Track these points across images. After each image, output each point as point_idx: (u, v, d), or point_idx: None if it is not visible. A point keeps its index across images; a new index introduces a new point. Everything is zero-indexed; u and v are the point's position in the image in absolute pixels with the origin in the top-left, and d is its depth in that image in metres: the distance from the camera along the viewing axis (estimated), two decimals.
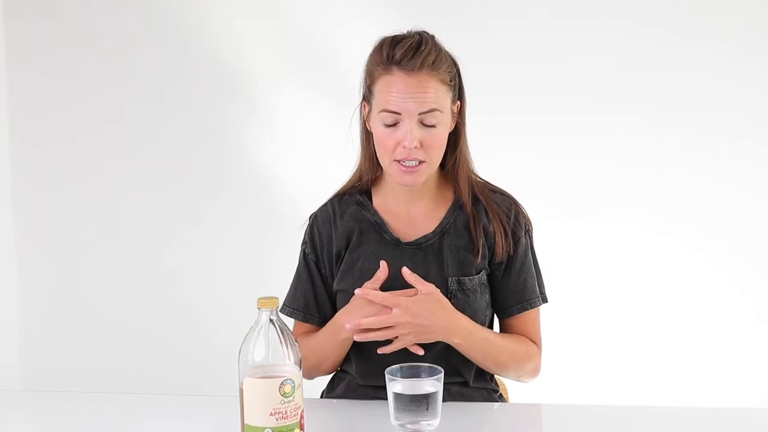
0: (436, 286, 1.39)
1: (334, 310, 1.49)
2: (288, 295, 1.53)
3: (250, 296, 2.86)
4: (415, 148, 1.34)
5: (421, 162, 1.37)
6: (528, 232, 1.51)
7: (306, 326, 1.51)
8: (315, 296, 1.50)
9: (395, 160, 1.37)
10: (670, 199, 2.69)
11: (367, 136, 1.47)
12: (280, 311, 1.44)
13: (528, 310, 1.49)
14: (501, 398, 1.56)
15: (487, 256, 1.46)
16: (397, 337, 1.34)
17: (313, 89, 2.84)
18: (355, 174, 1.54)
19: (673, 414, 1.32)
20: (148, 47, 2.89)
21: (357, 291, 1.35)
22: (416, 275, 1.36)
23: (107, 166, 2.94)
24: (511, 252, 1.47)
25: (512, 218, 1.48)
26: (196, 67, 2.88)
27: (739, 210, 2.67)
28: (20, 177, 2.97)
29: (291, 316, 1.51)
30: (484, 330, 1.44)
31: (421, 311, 1.33)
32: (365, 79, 1.43)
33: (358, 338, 1.34)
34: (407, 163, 1.36)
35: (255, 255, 2.89)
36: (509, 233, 1.46)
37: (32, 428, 1.36)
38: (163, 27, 2.88)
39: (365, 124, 1.47)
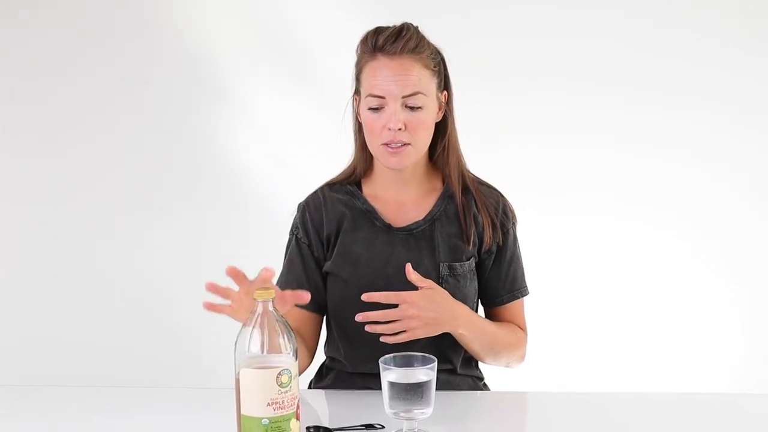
0: (428, 272, 1.42)
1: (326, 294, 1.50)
2: (279, 282, 1.51)
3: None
4: (400, 130, 1.38)
5: (405, 144, 1.40)
6: (515, 224, 1.54)
7: (300, 312, 1.49)
8: (307, 280, 1.49)
9: (382, 144, 1.40)
10: (657, 191, 2.74)
11: (360, 129, 1.49)
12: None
13: (518, 299, 1.53)
14: (485, 386, 1.59)
15: (477, 244, 1.48)
16: (404, 331, 1.35)
17: (285, 80, 2.83)
18: (349, 166, 1.55)
19: (652, 400, 1.35)
20: (118, 39, 2.85)
21: (363, 296, 1.35)
22: (417, 273, 1.37)
23: (77, 161, 2.90)
24: (500, 243, 1.50)
25: (500, 211, 1.51)
26: (167, 58, 2.85)
27: (724, 201, 2.73)
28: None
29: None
30: (481, 318, 1.47)
31: (428, 304, 1.35)
32: (354, 71, 1.46)
33: (368, 329, 1.35)
34: (393, 146, 1.39)
35: (227, 246, 2.88)
36: (497, 225, 1.50)
37: (24, 422, 1.34)
38: (133, 18, 2.85)
39: (357, 117, 1.49)
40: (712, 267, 2.75)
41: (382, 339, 1.36)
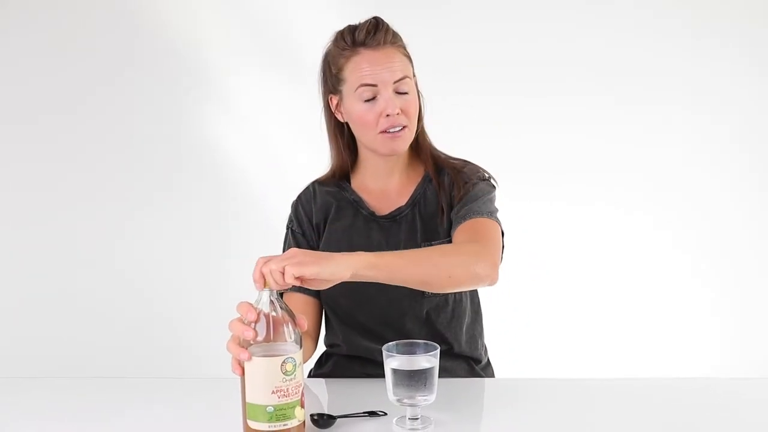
0: None
1: None
2: None
3: (213, 278, 2.86)
4: (398, 114, 1.41)
5: (404, 127, 1.43)
6: (485, 180, 1.50)
7: (302, 297, 1.51)
8: None
9: (381, 132, 1.43)
10: (648, 182, 2.77)
11: (335, 130, 1.52)
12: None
13: (473, 218, 1.41)
14: (486, 368, 1.60)
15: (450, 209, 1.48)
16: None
17: (270, 72, 2.84)
18: (330, 168, 1.58)
19: (650, 385, 1.36)
20: (101, 29, 2.84)
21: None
22: None
23: (60, 152, 2.90)
24: (465, 192, 1.46)
25: (467, 168, 1.52)
26: (151, 50, 2.84)
27: (717, 194, 2.76)
28: None
29: (287, 290, 1.51)
30: (395, 252, 1.31)
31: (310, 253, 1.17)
32: (328, 71, 1.48)
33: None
34: (392, 130, 1.42)
35: (215, 237, 2.89)
36: (464, 177, 1.49)
37: (25, 414, 1.34)
38: (118, 8, 2.84)
39: (333, 117, 1.51)
40: (705, 257, 2.78)
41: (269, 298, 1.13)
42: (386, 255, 1.24)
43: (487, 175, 1.53)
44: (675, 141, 2.74)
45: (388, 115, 1.41)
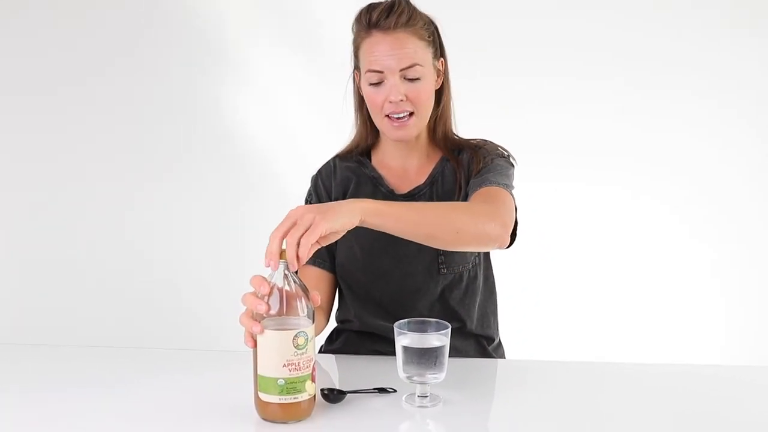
0: None
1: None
2: None
3: (226, 252, 2.86)
4: (401, 101, 1.41)
5: (411, 115, 1.44)
6: (504, 157, 1.51)
7: (317, 271, 1.52)
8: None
9: (386, 116, 1.44)
10: (654, 162, 2.75)
11: (360, 103, 1.54)
12: None
13: (487, 186, 1.40)
14: (497, 348, 1.60)
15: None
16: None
17: (286, 45, 2.83)
18: (353, 140, 1.59)
19: (654, 371, 1.36)
20: (115, 3, 2.84)
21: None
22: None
23: (75, 123, 2.91)
24: (484, 165, 1.47)
25: (487, 146, 1.53)
26: (168, 23, 2.85)
27: (719, 175, 2.74)
28: None
29: None
30: (404, 203, 1.29)
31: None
32: (353, 48, 1.49)
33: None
34: (396, 116, 1.43)
35: (230, 212, 2.90)
36: (483, 153, 1.50)
37: (31, 380, 1.36)
38: None
39: (359, 91, 1.52)
40: (718, 244, 2.77)
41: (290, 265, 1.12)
42: (394, 204, 1.22)
43: (506, 153, 1.53)
44: (696, 127, 2.72)
45: (391, 101, 1.42)
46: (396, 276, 1.48)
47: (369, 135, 1.56)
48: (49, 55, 2.90)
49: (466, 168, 1.51)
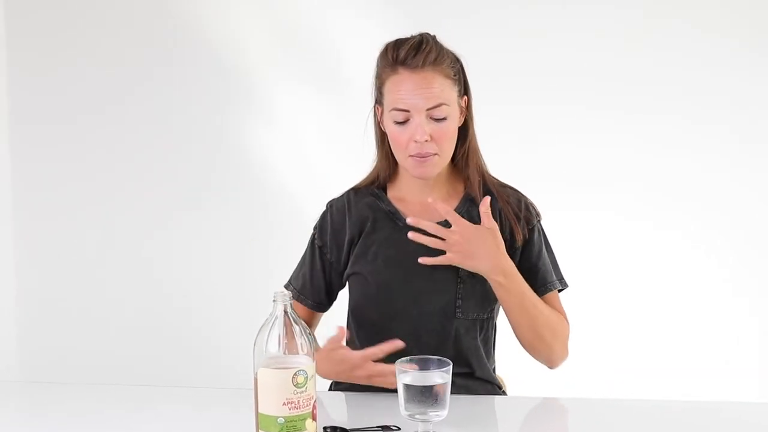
0: (447, 271, 1.44)
1: (329, 295, 1.58)
2: (292, 273, 1.62)
3: (246, 287, 2.86)
4: (426, 141, 1.41)
5: (433, 154, 1.43)
6: (539, 220, 1.56)
7: (300, 306, 1.58)
8: (311, 279, 1.57)
9: (410, 156, 1.44)
10: (669, 192, 2.73)
11: (382, 137, 1.54)
12: (284, 286, 1.56)
13: (551, 291, 1.53)
14: (503, 394, 1.60)
15: (504, 242, 1.47)
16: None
17: (310, 81, 2.86)
18: (372, 172, 1.59)
19: (671, 408, 1.34)
20: (140, 34, 2.89)
21: (409, 220, 1.42)
22: (487, 208, 1.40)
23: (94, 154, 2.94)
24: (527, 237, 1.51)
25: (523, 207, 1.53)
26: (191, 56, 2.88)
27: (737, 204, 2.71)
28: (20, 171, 2.98)
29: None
30: (524, 283, 1.46)
31: (474, 238, 1.40)
32: (375, 82, 1.50)
33: (410, 236, 1.41)
34: (421, 157, 1.43)
35: (249, 246, 2.92)
36: (522, 219, 1.52)
37: (36, 419, 1.38)
38: (157, 13, 2.88)
39: (380, 125, 1.52)
40: (737, 275, 2.72)
41: (420, 260, 1.41)
42: (520, 279, 1.42)
43: (536, 211, 1.55)
44: (703, 151, 2.69)
45: (416, 141, 1.41)
46: (412, 314, 1.48)
47: (389, 169, 1.56)
48: (70, 85, 2.90)
49: (500, 221, 1.49)
